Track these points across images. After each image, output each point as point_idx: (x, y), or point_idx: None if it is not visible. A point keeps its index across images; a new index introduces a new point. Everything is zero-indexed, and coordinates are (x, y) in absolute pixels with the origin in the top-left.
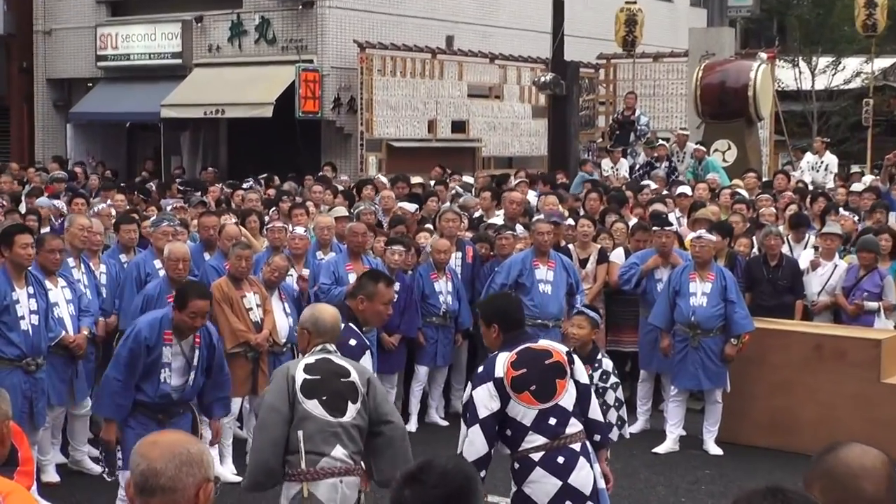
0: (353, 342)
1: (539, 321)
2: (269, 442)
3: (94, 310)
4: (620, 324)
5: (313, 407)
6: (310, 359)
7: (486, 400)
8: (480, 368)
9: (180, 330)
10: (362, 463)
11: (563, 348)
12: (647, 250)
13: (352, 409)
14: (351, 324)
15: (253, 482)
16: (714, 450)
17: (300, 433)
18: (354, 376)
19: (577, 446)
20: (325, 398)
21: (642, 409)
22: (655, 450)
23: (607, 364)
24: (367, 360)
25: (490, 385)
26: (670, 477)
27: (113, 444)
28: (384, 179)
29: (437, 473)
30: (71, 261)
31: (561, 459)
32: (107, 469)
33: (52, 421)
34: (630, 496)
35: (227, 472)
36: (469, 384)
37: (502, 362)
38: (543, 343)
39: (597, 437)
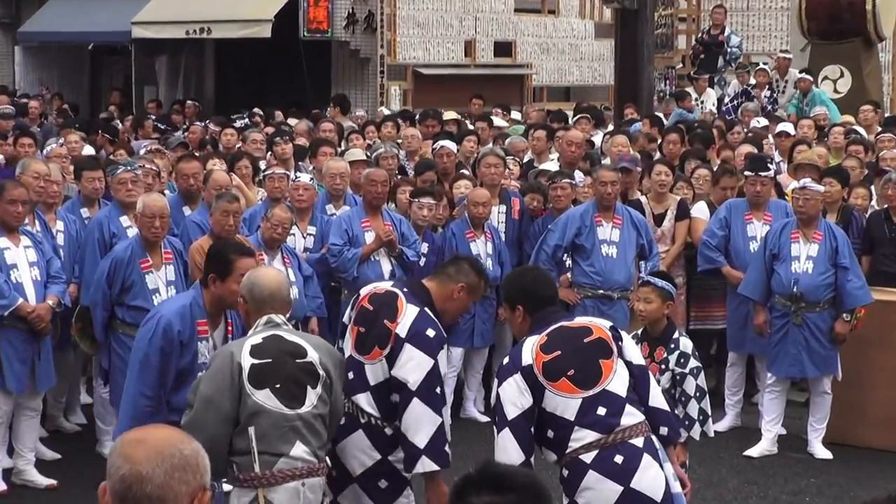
0: (430, 333)
1: (601, 292)
2: (202, 444)
3: (67, 278)
4: (708, 295)
5: (265, 398)
6: (255, 338)
7: (514, 396)
8: (506, 359)
9: (217, 312)
10: (327, 459)
11: (605, 323)
12: (735, 200)
13: (311, 396)
14: (427, 310)
15: None
16: (821, 452)
17: (251, 430)
18: (312, 354)
19: (638, 441)
20: (277, 386)
21: (731, 401)
22: (748, 452)
23: (686, 345)
24: (442, 359)
25: (518, 377)
26: (766, 486)
27: None
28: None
29: (494, 480)
30: None
31: (619, 459)
32: None
33: (1, 416)
34: None
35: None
36: (496, 380)
37: (530, 347)
38: (581, 320)
39: (663, 430)
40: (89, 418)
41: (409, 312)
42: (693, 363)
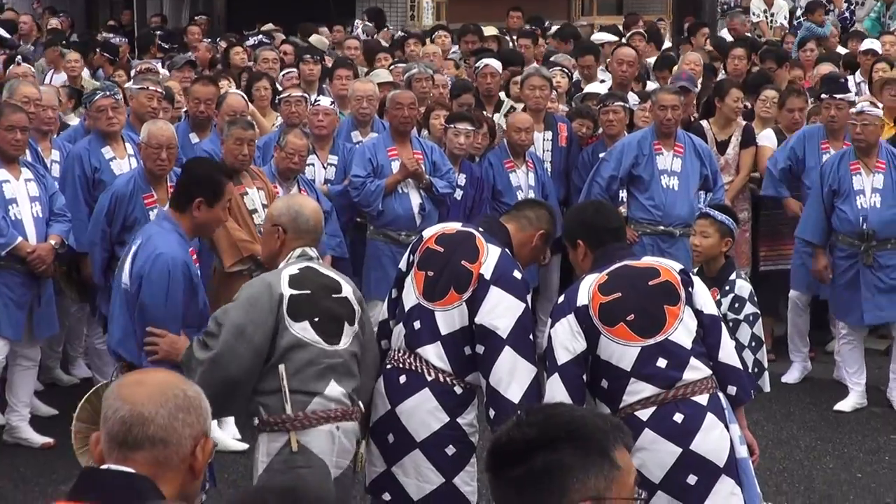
0: (517, 275)
1: (661, 228)
2: (224, 381)
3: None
4: (780, 231)
5: (303, 331)
6: (292, 269)
7: (566, 339)
8: (561, 298)
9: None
10: (360, 404)
11: (674, 266)
12: (810, 127)
13: (348, 333)
14: (508, 251)
15: None
16: None
17: (282, 368)
18: (346, 289)
19: (702, 399)
20: (317, 320)
21: (796, 346)
22: (838, 406)
23: (743, 288)
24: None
25: (571, 318)
26: (841, 444)
27: None
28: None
29: (543, 415)
30: None
31: (679, 417)
32: None
33: None
34: (786, 470)
35: (227, 437)
36: (549, 319)
37: (587, 286)
38: (648, 260)
39: (731, 390)
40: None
41: (491, 252)
42: (749, 309)
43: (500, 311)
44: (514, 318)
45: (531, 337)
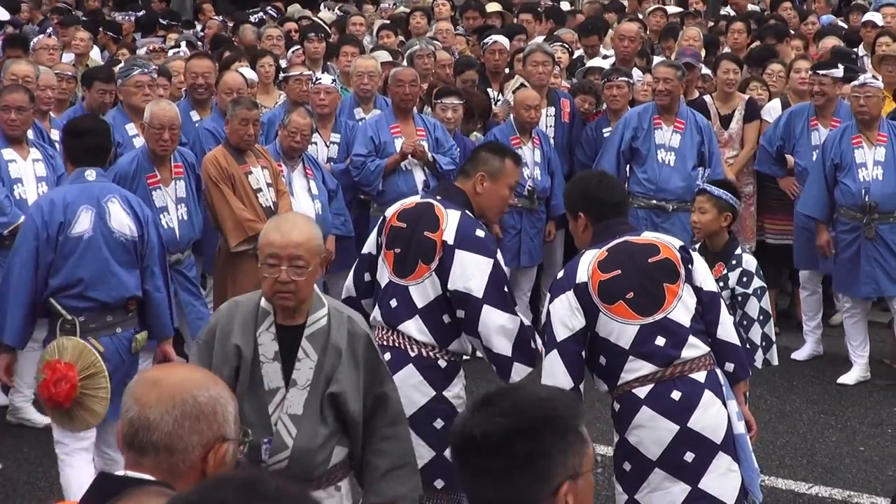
0: (480, 233)
1: (654, 202)
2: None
3: None
4: (785, 205)
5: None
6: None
7: (565, 315)
8: (560, 273)
9: None
10: None
11: (675, 242)
12: (800, 105)
13: None
14: (468, 212)
15: None
16: None
17: None
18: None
19: (700, 376)
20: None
21: (809, 326)
22: (842, 379)
23: (749, 262)
24: (500, 259)
25: (570, 295)
26: (844, 417)
27: None
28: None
29: (511, 402)
30: None
31: (677, 395)
32: None
33: None
34: (789, 444)
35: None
36: (548, 294)
37: (587, 263)
38: (648, 236)
39: (729, 367)
40: None
41: (451, 217)
42: (757, 283)
43: (470, 272)
44: (485, 277)
45: (506, 289)
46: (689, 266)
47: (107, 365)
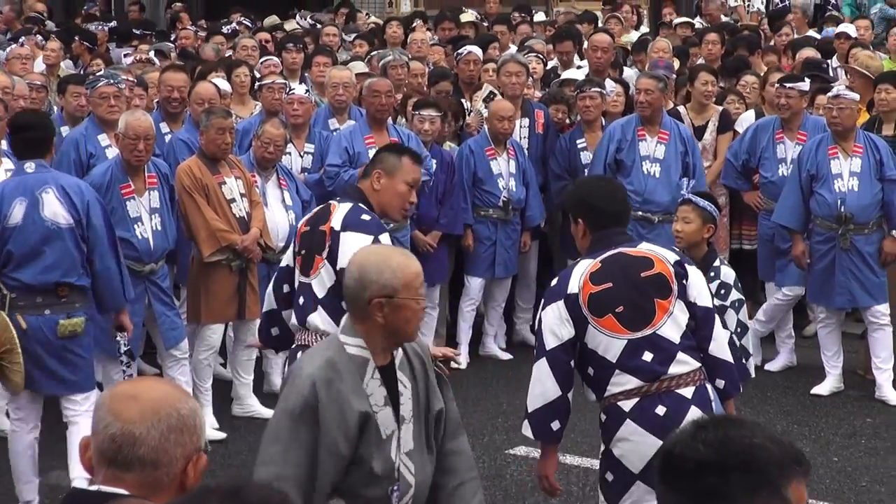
0: (366, 217)
1: (640, 214)
2: None
3: None
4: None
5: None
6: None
7: (555, 325)
8: (554, 281)
9: None
10: None
11: (670, 257)
12: (766, 119)
13: None
14: (361, 205)
15: None
16: (893, 396)
17: None
18: None
19: (687, 392)
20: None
21: (781, 336)
22: (815, 390)
23: (728, 274)
24: (384, 240)
25: (560, 305)
26: (817, 428)
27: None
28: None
29: (721, 434)
30: None
31: (661, 410)
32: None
33: None
34: None
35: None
36: (543, 301)
37: (579, 274)
38: (644, 248)
39: (720, 383)
40: None
41: (341, 208)
42: (735, 295)
43: (351, 249)
44: None
45: None
46: (684, 281)
47: (30, 342)
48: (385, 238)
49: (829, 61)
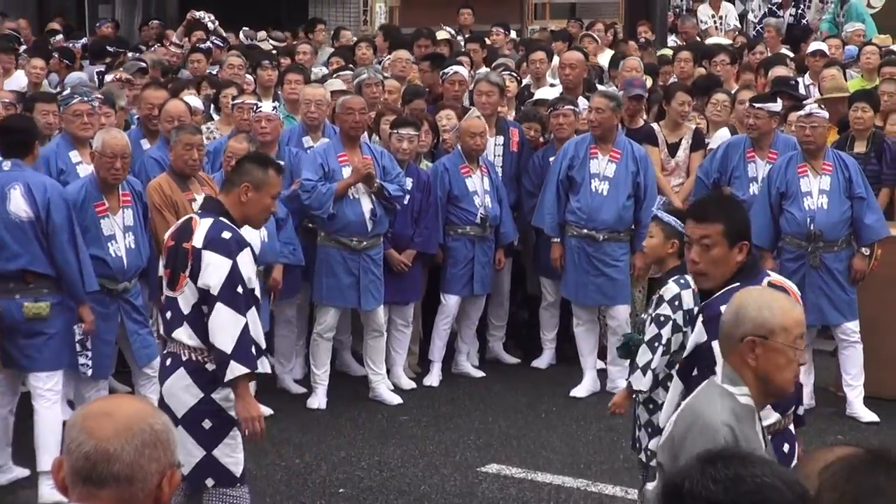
0: (226, 235)
1: (585, 231)
2: None
3: None
4: None
5: None
6: None
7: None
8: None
9: None
10: None
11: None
12: (736, 137)
13: None
14: (223, 219)
15: None
16: (866, 415)
17: None
18: None
19: None
20: None
21: None
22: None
23: (669, 289)
24: (243, 260)
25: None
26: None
27: None
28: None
29: (732, 472)
30: None
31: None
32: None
33: None
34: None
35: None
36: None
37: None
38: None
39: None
40: None
41: (202, 224)
42: (663, 310)
43: (211, 270)
44: (224, 275)
45: (240, 290)
46: None
47: (4, 322)
48: (245, 255)
49: (800, 78)
